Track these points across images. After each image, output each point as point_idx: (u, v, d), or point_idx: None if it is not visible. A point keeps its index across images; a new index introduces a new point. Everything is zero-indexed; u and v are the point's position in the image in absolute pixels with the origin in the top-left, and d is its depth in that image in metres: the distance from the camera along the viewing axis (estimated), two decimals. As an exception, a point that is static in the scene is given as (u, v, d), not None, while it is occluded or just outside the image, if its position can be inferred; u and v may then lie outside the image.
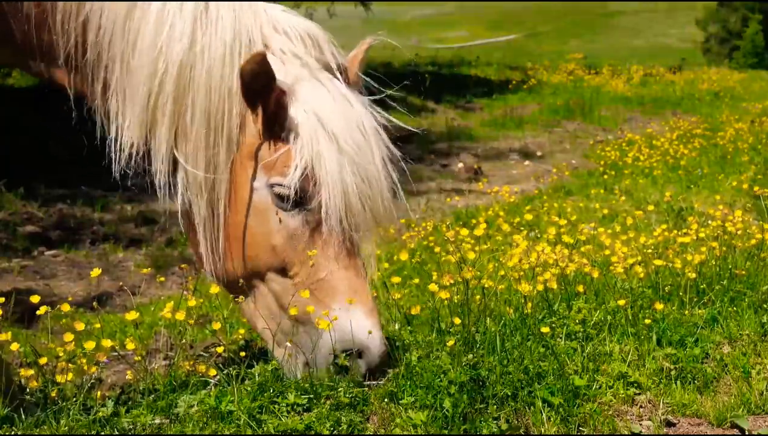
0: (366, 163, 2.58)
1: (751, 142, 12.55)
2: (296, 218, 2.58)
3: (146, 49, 2.49)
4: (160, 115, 2.52)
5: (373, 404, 2.55)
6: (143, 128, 2.54)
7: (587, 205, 8.49)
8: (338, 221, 2.55)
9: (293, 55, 2.62)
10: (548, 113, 17.80)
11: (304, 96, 2.56)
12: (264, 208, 2.59)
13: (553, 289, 3.53)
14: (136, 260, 7.51)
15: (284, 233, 2.59)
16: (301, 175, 2.51)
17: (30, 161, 10.21)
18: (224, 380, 2.64)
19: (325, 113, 2.55)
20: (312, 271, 2.58)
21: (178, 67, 2.48)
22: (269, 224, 2.59)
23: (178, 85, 2.49)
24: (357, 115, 2.62)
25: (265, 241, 2.60)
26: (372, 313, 2.58)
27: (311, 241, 2.59)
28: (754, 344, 3.33)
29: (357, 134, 2.58)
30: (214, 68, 2.49)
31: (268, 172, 2.56)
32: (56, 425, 2.34)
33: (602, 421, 2.65)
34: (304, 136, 2.52)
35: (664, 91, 21.76)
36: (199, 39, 2.49)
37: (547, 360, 2.90)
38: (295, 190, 2.52)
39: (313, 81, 2.60)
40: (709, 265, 4.15)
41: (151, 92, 2.50)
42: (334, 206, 2.53)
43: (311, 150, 2.52)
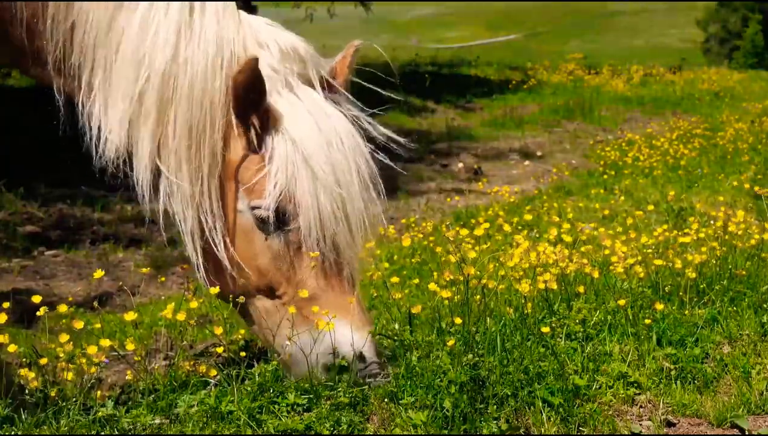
0: (343, 184, 2.58)
1: (751, 142, 12.55)
2: (279, 240, 2.59)
3: (129, 55, 2.49)
4: (142, 124, 2.52)
5: (373, 404, 2.55)
6: (124, 133, 2.54)
7: (587, 205, 8.49)
8: (316, 242, 2.56)
9: (273, 71, 2.60)
10: (548, 113, 17.79)
11: (281, 115, 2.56)
12: (248, 231, 2.61)
13: (554, 289, 3.53)
14: (136, 260, 7.50)
15: (268, 255, 2.60)
16: (277, 198, 2.52)
17: (30, 161, 10.21)
18: (224, 380, 2.64)
19: (301, 134, 2.54)
20: (298, 289, 2.60)
21: (160, 77, 2.48)
22: (254, 246, 2.61)
23: (161, 95, 2.49)
24: (336, 133, 2.61)
25: (251, 263, 2.61)
26: (360, 326, 2.58)
27: (296, 260, 2.60)
28: (754, 344, 3.33)
29: (335, 153, 2.57)
30: (197, 81, 2.48)
31: (249, 195, 2.58)
32: (56, 425, 2.34)
33: (602, 421, 2.65)
34: (279, 158, 2.53)
35: (664, 91, 21.76)
36: (183, 50, 2.48)
37: (547, 360, 2.90)
38: (274, 213, 2.53)
39: (292, 98, 2.60)
40: (710, 265, 4.15)
41: (133, 99, 2.50)
42: (310, 229, 2.54)
43: (286, 173, 2.52)
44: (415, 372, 2.69)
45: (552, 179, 10.89)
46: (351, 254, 2.66)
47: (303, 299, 2.59)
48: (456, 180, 11.56)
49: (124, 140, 2.55)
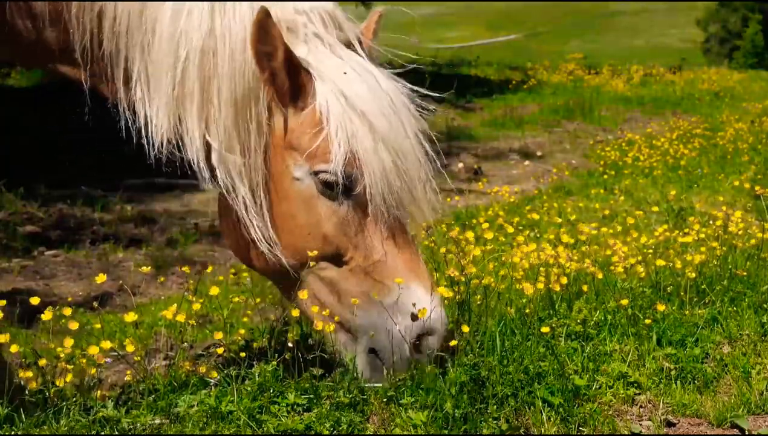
0: (400, 139, 2.55)
1: (751, 142, 12.55)
2: (345, 204, 2.54)
3: (166, 38, 2.46)
4: (188, 103, 2.49)
5: (373, 404, 2.55)
6: (172, 117, 2.52)
7: (587, 205, 8.49)
8: (382, 200, 2.52)
9: (314, 35, 2.58)
10: (548, 113, 17.79)
11: (329, 76, 2.53)
12: (310, 198, 2.55)
13: (555, 290, 3.53)
14: (136, 260, 7.50)
15: (335, 221, 2.55)
16: (344, 158, 2.47)
17: (30, 161, 10.22)
18: (224, 380, 2.64)
19: (353, 93, 2.51)
20: (367, 253, 2.55)
21: (200, 54, 2.45)
22: (318, 213, 2.56)
23: (202, 72, 2.46)
24: (385, 90, 2.59)
25: (316, 230, 2.56)
26: (432, 290, 2.55)
27: (362, 224, 2.56)
28: (754, 344, 3.33)
29: (387, 110, 2.55)
30: (236, 53, 2.46)
31: (311, 160, 2.52)
32: (56, 425, 2.34)
33: (602, 421, 2.65)
34: (336, 118, 2.49)
35: (664, 91, 21.76)
36: (219, 24, 2.46)
37: (547, 360, 2.90)
38: (342, 175, 2.48)
39: (337, 60, 2.57)
40: (710, 265, 4.15)
41: (176, 81, 2.48)
42: (375, 186, 2.50)
43: (346, 132, 2.48)
44: (415, 372, 2.69)
45: (552, 179, 10.89)
46: (416, 210, 2.64)
47: (372, 263, 2.55)
48: (456, 180, 11.56)
49: (172, 123, 2.52)
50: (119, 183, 9.65)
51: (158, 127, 2.53)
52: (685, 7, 76.36)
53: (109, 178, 9.88)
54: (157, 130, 2.53)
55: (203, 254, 7.69)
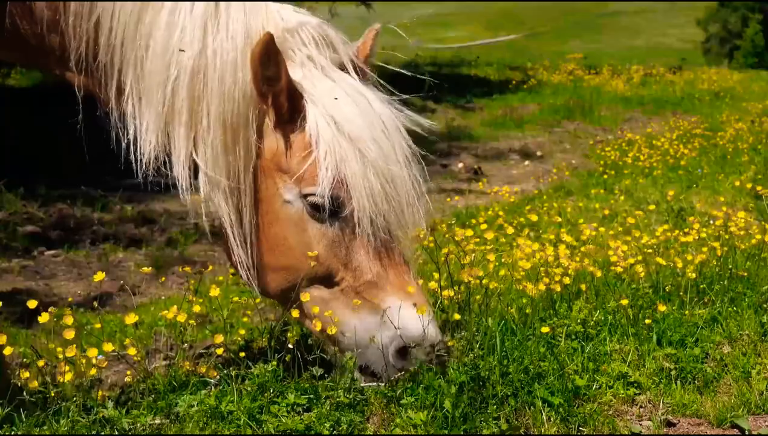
0: (389, 164, 2.57)
1: (751, 142, 12.55)
2: (333, 226, 2.57)
3: (159, 54, 2.48)
4: (177, 121, 2.51)
5: (373, 404, 2.55)
6: (161, 133, 2.53)
7: (587, 205, 8.49)
8: (370, 223, 2.54)
9: (307, 58, 2.60)
10: (548, 113, 17.79)
11: (321, 100, 2.54)
12: (300, 220, 2.58)
13: (556, 290, 3.53)
14: (136, 260, 7.50)
15: (325, 243, 2.57)
16: (331, 183, 2.49)
17: (30, 161, 10.22)
18: (224, 380, 2.64)
19: (344, 117, 2.53)
20: (357, 274, 2.57)
21: (190, 73, 2.46)
22: (307, 235, 2.58)
23: (192, 90, 2.48)
24: (376, 114, 2.60)
25: (305, 252, 2.58)
26: (424, 305, 2.57)
27: (351, 246, 2.58)
28: (754, 344, 3.33)
29: (378, 134, 2.57)
30: (227, 73, 2.47)
31: (299, 184, 2.54)
32: (56, 425, 2.34)
33: (602, 421, 2.65)
34: (325, 142, 2.50)
35: (664, 91, 21.75)
36: (210, 44, 2.47)
37: (548, 360, 2.90)
38: (329, 198, 2.50)
39: (329, 83, 2.58)
40: (710, 265, 4.15)
41: (165, 98, 2.49)
42: (363, 209, 2.52)
43: (335, 157, 2.50)
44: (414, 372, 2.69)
45: (552, 179, 10.89)
46: (403, 234, 2.65)
47: (362, 283, 2.56)
48: (456, 180, 11.56)
49: (161, 138, 2.54)
50: (119, 183, 9.65)
51: (147, 142, 2.54)
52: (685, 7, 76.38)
53: (109, 179, 9.88)
54: (146, 146, 2.54)
55: (203, 254, 7.69)
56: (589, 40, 73.48)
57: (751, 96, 20.91)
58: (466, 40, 67.78)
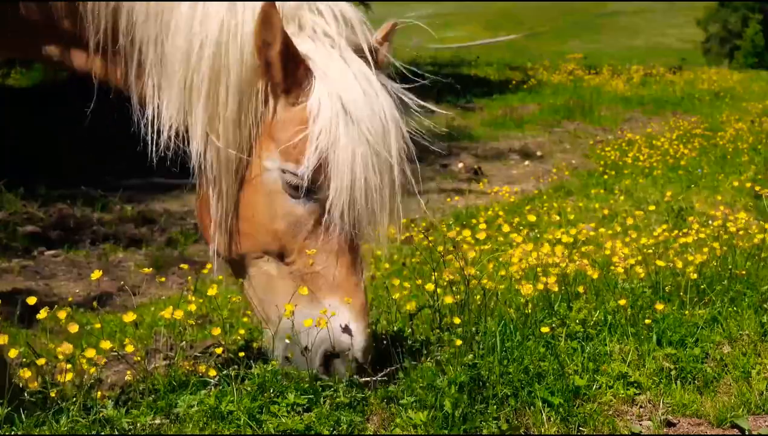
0: (381, 155, 2.52)
1: (751, 142, 12.56)
2: (302, 207, 2.53)
3: (181, 30, 2.46)
4: (196, 96, 2.49)
5: (373, 404, 2.55)
6: (181, 109, 2.52)
7: (587, 205, 8.49)
8: (340, 214, 2.50)
9: (324, 34, 2.57)
10: (548, 113, 17.80)
11: (330, 76, 2.51)
12: (271, 191, 2.55)
13: (554, 290, 3.52)
14: (136, 260, 7.51)
15: (289, 220, 2.54)
16: (314, 165, 2.45)
17: (30, 161, 10.22)
18: (224, 380, 2.63)
19: (349, 97, 2.49)
20: (308, 262, 2.54)
21: (213, 47, 2.45)
22: (274, 207, 2.55)
23: (213, 64, 2.46)
24: (380, 103, 2.57)
25: (268, 223, 2.56)
26: (361, 315, 2.53)
27: (313, 231, 2.54)
28: (754, 344, 3.33)
29: (377, 123, 2.53)
30: (246, 45, 2.46)
31: (283, 156, 2.51)
32: (56, 425, 2.34)
33: (602, 421, 2.65)
34: (323, 119, 2.47)
35: (664, 91, 21.76)
36: (233, 17, 2.46)
37: (547, 360, 2.90)
38: (308, 179, 2.47)
39: (341, 62, 2.55)
40: (710, 265, 4.15)
41: (188, 73, 2.47)
42: (338, 199, 2.48)
43: (328, 137, 2.46)
44: (414, 372, 2.69)
45: (552, 179, 10.90)
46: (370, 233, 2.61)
47: (310, 273, 2.53)
48: (456, 180, 11.56)
49: (181, 116, 2.52)
50: (119, 183, 9.66)
51: (166, 119, 2.53)
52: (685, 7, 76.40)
53: (109, 179, 9.88)
54: (165, 123, 2.53)
55: (203, 254, 7.68)
56: (588, 40, 73.49)
57: (751, 96, 20.92)
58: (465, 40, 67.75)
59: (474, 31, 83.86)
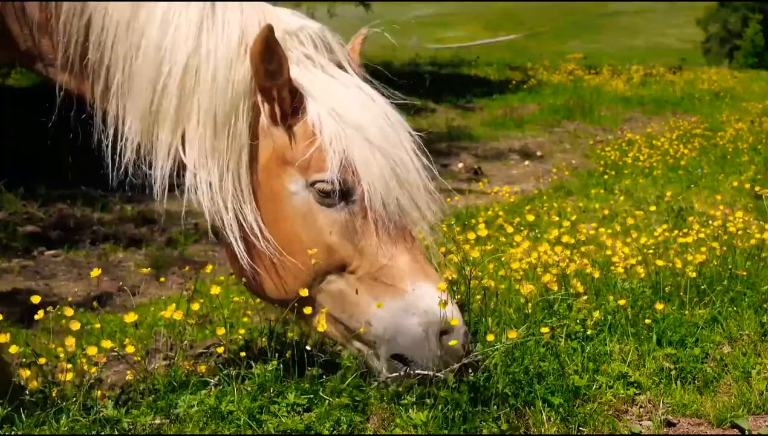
0: (396, 149, 2.54)
1: (751, 142, 12.55)
2: (344, 212, 2.52)
3: (151, 52, 2.46)
4: (162, 119, 2.48)
5: (373, 404, 2.55)
6: (145, 132, 2.51)
7: (587, 206, 8.49)
8: (382, 205, 2.50)
9: (305, 57, 2.59)
10: (548, 113, 17.79)
11: (320, 95, 2.53)
12: (309, 211, 2.53)
13: (554, 290, 3.53)
14: (136, 260, 7.51)
15: (336, 229, 2.53)
16: (339, 165, 2.46)
17: (30, 161, 10.21)
18: (224, 380, 2.63)
19: (346, 108, 2.51)
20: (373, 259, 2.52)
21: (182, 70, 2.45)
22: (318, 224, 2.53)
23: (183, 88, 2.46)
24: (379, 106, 2.59)
25: (319, 242, 2.53)
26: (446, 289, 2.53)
27: (364, 230, 2.54)
28: (754, 344, 3.33)
29: (383, 124, 2.55)
30: (219, 71, 2.46)
31: (305, 172, 2.51)
32: (56, 425, 2.34)
33: (602, 421, 2.65)
34: (329, 129, 2.48)
35: (664, 91, 21.75)
36: (205, 42, 2.46)
37: (548, 360, 2.90)
38: (339, 181, 2.47)
39: (329, 79, 2.57)
40: (710, 265, 4.15)
41: (155, 95, 2.47)
42: (374, 191, 2.48)
43: (341, 142, 2.47)
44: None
45: (552, 179, 10.90)
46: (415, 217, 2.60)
47: (379, 268, 2.51)
48: (456, 180, 11.56)
49: (144, 138, 2.51)
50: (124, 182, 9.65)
51: (129, 141, 2.52)
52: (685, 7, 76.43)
53: (109, 178, 9.87)
54: (127, 145, 2.52)
55: (203, 254, 7.69)
56: (588, 40, 73.50)
57: (751, 96, 20.91)
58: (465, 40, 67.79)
59: (474, 31, 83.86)
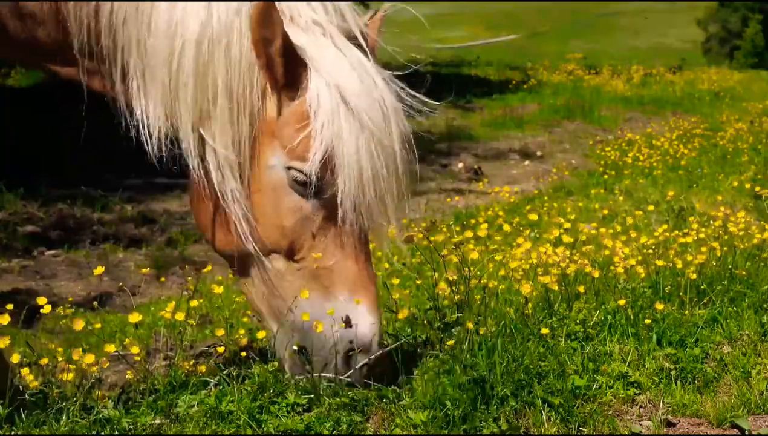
0: (384, 143, 2.49)
1: (751, 142, 12.56)
2: (311, 202, 2.50)
3: (162, 28, 2.43)
4: (182, 95, 2.45)
5: (373, 404, 2.55)
6: (168, 110, 2.47)
7: (587, 205, 8.50)
8: (352, 207, 2.46)
9: (314, 23, 2.52)
10: (548, 113, 17.79)
11: (325, 67, 2.46)
12: (278, 188, 2.51)
13: (554, 290, 3.53)
14: (136, 260, 7.51)
15: (298, 216, 2.51)
16: (320, 160, 2.42)
17: (30, 161, 10.22)
18: (224, 380, 2.63)
19: (347, 87, 2.45)
20: (320, 258, 2.50)
21: (195, 45, 2.41)
22: (282, 204, 2.51)
23: (197, 62, 2.42)
24: (379, 91, 2.52)
25: (275, 221, 2.52)
26: (374, 308, 2.51)
27: (323, 226, 2.51)
28: (754, 344, 3.33)
29: (377, 112, 2.49)
30: (232, 41, 2.42)
31: (288, 154, 2.47)
32: (56, 425, 2.34)
33: (602, 421, 2.65)
34: (324, 112, 2.43)
35: (664, 91, 21.76)
36: (215, 13, 2.42)
37: (548, 360, 2.90)
38: (315, 176, 2.43)
39: (335, 51, 2.50)
40: (710, 265, 4.15)
41: (171, 72, 2.44)
42: (349, 192, 2.44)
43: (331, 129, 2.42)
44: (415, 372, 2.68)
45: (552, 179, 10.90)
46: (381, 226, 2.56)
47: (323, 267, 2.50)
48: (456, 180, 11.57)
49: (169, 115, 2.48)
50: (119, 183, 9.66)
51: (154, 121, 2.49)
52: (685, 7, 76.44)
53: (109, 178, 9.88)
54: (154, 125, 2.49)
55: (203, 254, 7.69)
56: (589, 40, 73.48)
57: (751, 96, 20.92)
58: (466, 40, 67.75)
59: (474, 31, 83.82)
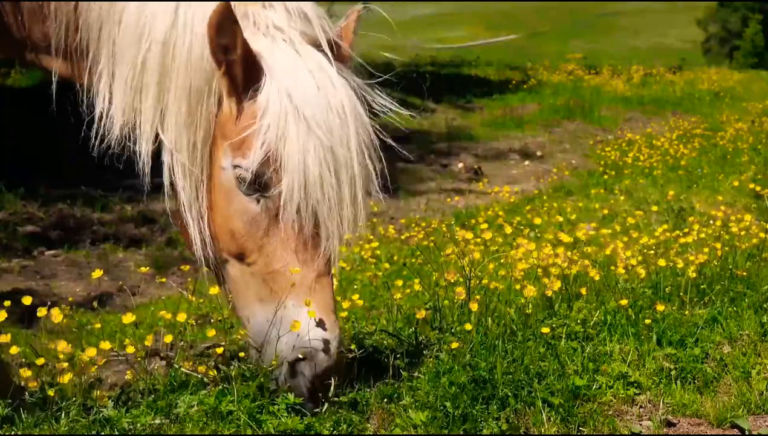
0: (337, 150, 2.44)
1: (751, 142, 12.57)
2: (257, 203, 2.46)
3: (131, 27, 2.46)
4: (144, 94, 2.47)
5: (373, 404, 2.55)
6: (128, 108, 2.50)
7: (587, 205, 8.50)
8: (296, 210, 2.42)
9: (276, 28, 2.51)
10: (548, 113, 17.79)
11: (280, 72, 2.45)
12: (228, 190, 2.50)
13: (554, 289, 3.53)
14: (136, 260, 7.51)
15: (245, 218, 2.48)
16: (261, 158, 2.39)
17: (30, 161, 10.22)
18: (224, 380, 2.63)
19: (299, 92, 2.43)
20: (268, 261, 2.46)
21: (161, 45, 2.43)
22: (231, 206, 2.50)
23: (162, 63, 2.45)
24: (338, 97, 2.48)
25: (226, 223, 2.51)
26: (325, 314, 2.44)
27: (270, 229, 2.47)
28: (754, 344, 3.33)
29: (332, 117, 2.44)
30: (195, 46, 2.43)
31: (234, 153, 2.46)
32: (56, 425, 2.34)
33: (602, 421, 2.65)
34: (272, 114, 2.40)
35: (664, 91, 21.76)
36: (182, 16, 2.44)
37: (548, 360, 2.90)
38: (255, 174, 2.40)
39: (293, 56, 2.49)
40: (710, 265, 4.15)
41: (136, 71, 2.46)
42: (292, 194, 2.40)
43: (276, 131, 2.39)
44: (414, 372, 2.68)
45: (552, 179, 10.90)
46: (334, 229, 2.48)
47: (271, 272, 2.46)
48: (456, 180, 11.56)
49: (128, 114, 2.50)
50: (119, 183, 9.65)
51: (116, 117, 2.51)
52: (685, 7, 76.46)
53: (109, 179, 9.88)
54: (114, 121, 2.51)
55: (203, 254, 7.68)
56: (589, 40, 73.50)
57: (751, 96, 20.92)
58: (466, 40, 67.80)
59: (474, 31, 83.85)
